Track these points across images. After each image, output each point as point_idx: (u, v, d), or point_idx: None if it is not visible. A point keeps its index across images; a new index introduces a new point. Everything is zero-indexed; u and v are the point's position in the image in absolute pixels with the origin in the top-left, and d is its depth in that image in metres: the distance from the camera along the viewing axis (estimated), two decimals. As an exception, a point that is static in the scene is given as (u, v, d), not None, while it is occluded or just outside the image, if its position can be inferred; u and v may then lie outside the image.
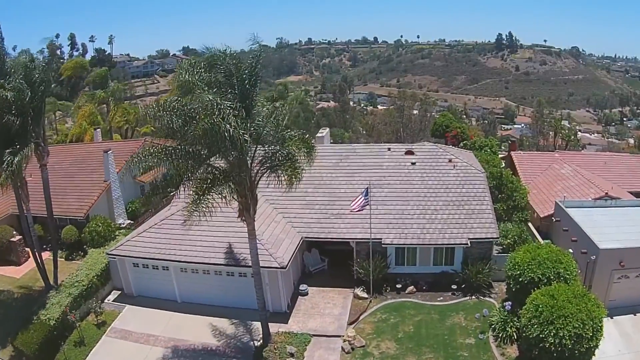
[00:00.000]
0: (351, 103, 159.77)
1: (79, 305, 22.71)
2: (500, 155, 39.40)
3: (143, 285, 24.92)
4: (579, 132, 79.70)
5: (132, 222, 31.91)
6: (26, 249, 28.24)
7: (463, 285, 23.83)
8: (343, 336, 21.09)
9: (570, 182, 31.71)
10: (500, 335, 20.14)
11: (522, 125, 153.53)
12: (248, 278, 21.72)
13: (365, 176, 27.24)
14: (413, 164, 27.98)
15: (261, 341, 20.68)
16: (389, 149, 29.32)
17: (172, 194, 26.51)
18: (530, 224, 28.88)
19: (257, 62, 17.54)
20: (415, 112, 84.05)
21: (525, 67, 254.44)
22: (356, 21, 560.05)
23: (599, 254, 21.42)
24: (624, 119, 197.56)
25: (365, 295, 23.90)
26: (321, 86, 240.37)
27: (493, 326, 20.72)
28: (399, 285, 24.18)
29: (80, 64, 66.24)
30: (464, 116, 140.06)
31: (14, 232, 28.82)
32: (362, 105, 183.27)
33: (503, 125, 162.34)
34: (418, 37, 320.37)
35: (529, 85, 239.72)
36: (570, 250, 22.78)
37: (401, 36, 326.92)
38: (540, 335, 17.07)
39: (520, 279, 20.00)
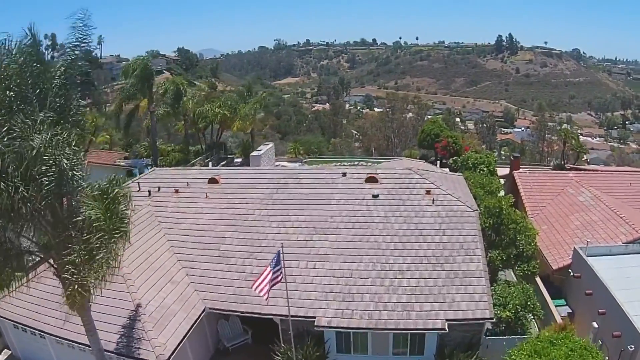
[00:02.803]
0: (347, 106, 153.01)
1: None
2: (499, 170, 31.22)
3: (28, 351, 19.32)
4: (580, 136, 73.02)
5: None
6: None
7: (438, 387, 15.91)
8: None
9: (591, 216, 23.82)
10: None
11: (523, 128, 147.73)
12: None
13: (305, 215, 19.46)
14: (375, 196, 19.89)
15: None
16: (344, 175, 21.23)
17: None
18: (537, 278, 20.86)
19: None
20: (410, 115, 77.35)
21: (526, 69, 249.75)
22: (355, 23, 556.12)
23: (642, 345, 14.49)
24: (626, 122, 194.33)
25: (293, 398, 16.07)
26: (317, 88, 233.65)
27: None
28: (342, 385, 16.33)
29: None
30: (458, 120, 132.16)
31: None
32: (358, 108, 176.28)
33: (503, 129, 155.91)
34: (417, 38, 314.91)
35: (530, 87, 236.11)
36: (595, 325, 17.07)
37: (400, 38, 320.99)
38: None
39: (527, 406, 12.22)
